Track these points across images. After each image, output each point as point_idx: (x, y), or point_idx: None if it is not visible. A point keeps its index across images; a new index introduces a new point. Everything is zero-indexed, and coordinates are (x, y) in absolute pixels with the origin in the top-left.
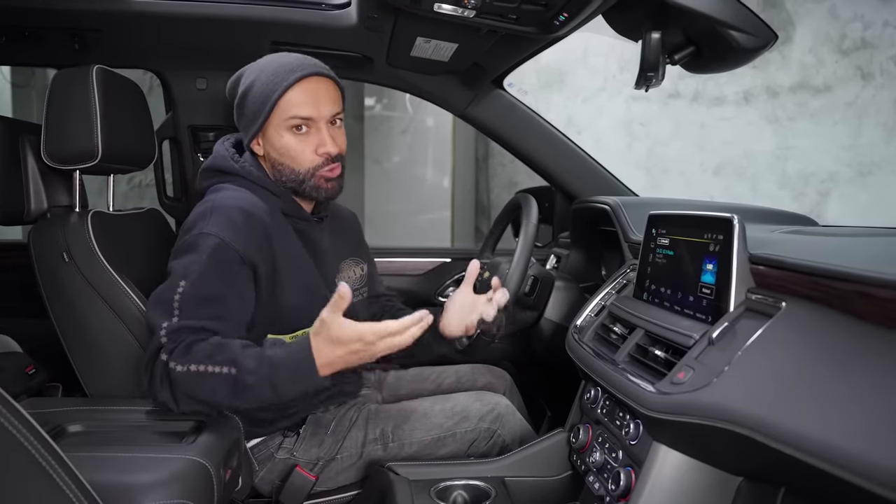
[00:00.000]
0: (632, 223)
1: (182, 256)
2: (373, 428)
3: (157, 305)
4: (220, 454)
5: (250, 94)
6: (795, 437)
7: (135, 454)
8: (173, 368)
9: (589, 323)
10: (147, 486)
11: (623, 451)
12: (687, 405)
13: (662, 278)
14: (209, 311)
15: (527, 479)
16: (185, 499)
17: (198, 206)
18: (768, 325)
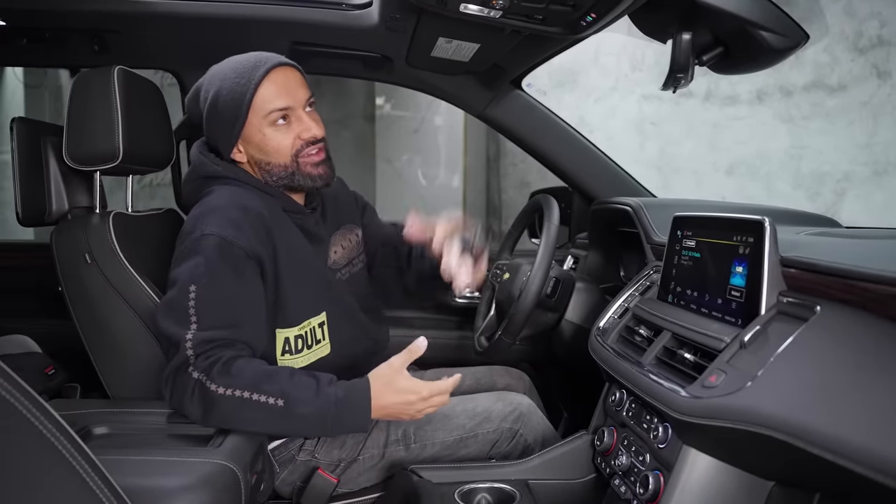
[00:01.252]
0: (654, 225)
1: (186, 261)
2: (394, 429)
3: (170, 314)
4: (247, 457)
5: (220, 102)
6: (836, 442)
7: (162, 458)
8: (214, 390)
9: (612, 325)
10: (176, 490)
11: (651, 455)
12: (720, 409)
13: (688, 280)
14: (227, 314)
15: (550, 482)
16: (214, 503)
17: (192, 210)
18: (803, 329)
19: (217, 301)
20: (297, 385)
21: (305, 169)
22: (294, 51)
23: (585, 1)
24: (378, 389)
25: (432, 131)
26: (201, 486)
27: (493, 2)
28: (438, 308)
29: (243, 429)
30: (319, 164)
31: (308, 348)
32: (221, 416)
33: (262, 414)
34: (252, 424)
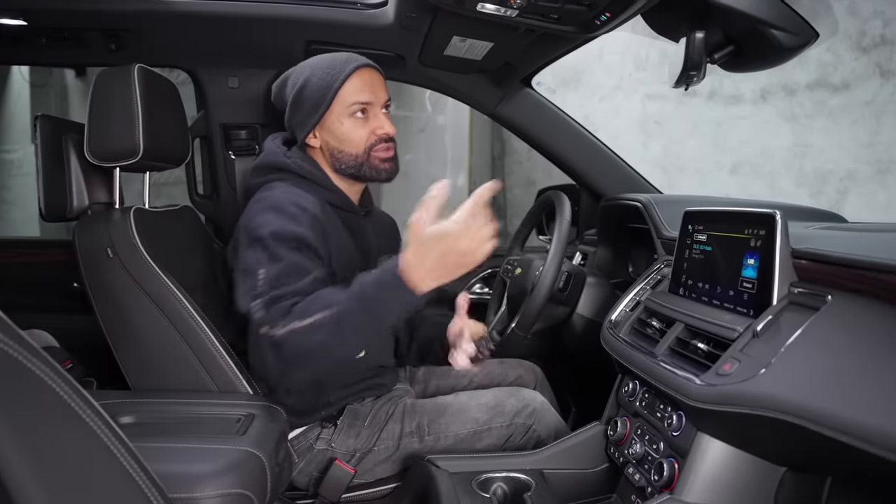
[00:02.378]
0: (664, 220)
1: (250, 250)
2: (409, 421)
3: (245, 294)
4: (271, 445)
5: (307, 89)
6: (851, 425)
7: (190, 445)
8: (274, 334)
9: (624, 318)
10: (206, 475)
11: (664, 443)
12: (735, 395)
13: (699, 273)
14: (295, 280)
15: (565, 472)
16: (242, 488)
17: (252, 204)
18: (815, 318)
19: (283, 273)
20: (335, 292)
21: (374, 162)
22: (309, 49)
23: (601, 0)
24: (406, 258)
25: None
26: (230, 471)
27: (511, 1)
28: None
29: (318, 360)
30: (387, 160)
31: None
32: (292, 356)
33: (322, 333)
34: (322, 349)
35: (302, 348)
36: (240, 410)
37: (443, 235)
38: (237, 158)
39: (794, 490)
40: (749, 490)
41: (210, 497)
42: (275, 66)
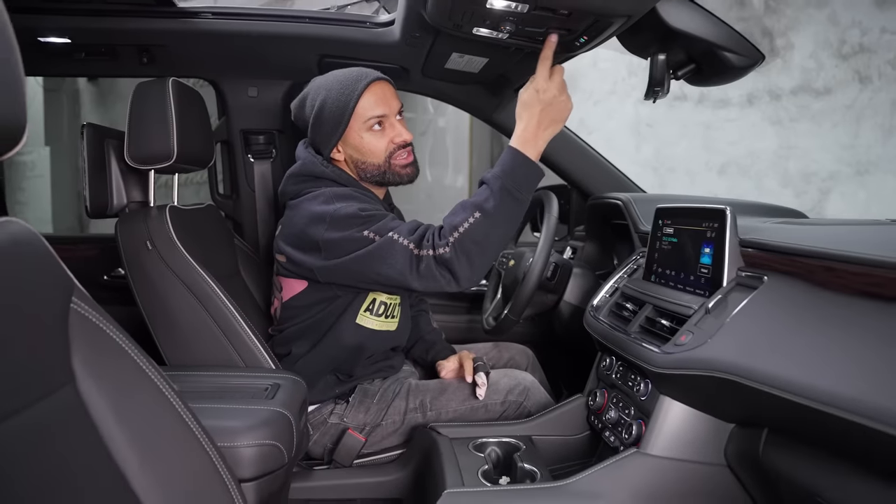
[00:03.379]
0: (641, 216)
1: (342, 231)
2: (413, 398)
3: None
4: (296, 407)
5: (325, 110)
6: (774, 379)
7: (229, 406)
8: (439, 253)
9: (604, 302)
10: (244, 429)
11: (634, 408)
12: (688, 361)
13: (667, 262)
14: (410, 223)
15: (551, 437)
16: (274, 440)
17: (312, 201)
18: (753, 296)
19: (397, 225)
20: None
21: (395, 168)
22: (322, 62)
23: (578, 27)
24: (519, 129)
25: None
26: (263, 426)
27: (501, 27)
28: (450, 295)
29: (488, 251)
30: (407, 165)
31: (386, 317)
32: (464, 262)
33: (480, 230)
34: (486, 241)
35: (469, 249)
36: (267, 381)
37: (535, 92)
38: (255, 161)
39: (739, 442)
40: (703, 444)
41: (248, 446)
42: (291, 77)
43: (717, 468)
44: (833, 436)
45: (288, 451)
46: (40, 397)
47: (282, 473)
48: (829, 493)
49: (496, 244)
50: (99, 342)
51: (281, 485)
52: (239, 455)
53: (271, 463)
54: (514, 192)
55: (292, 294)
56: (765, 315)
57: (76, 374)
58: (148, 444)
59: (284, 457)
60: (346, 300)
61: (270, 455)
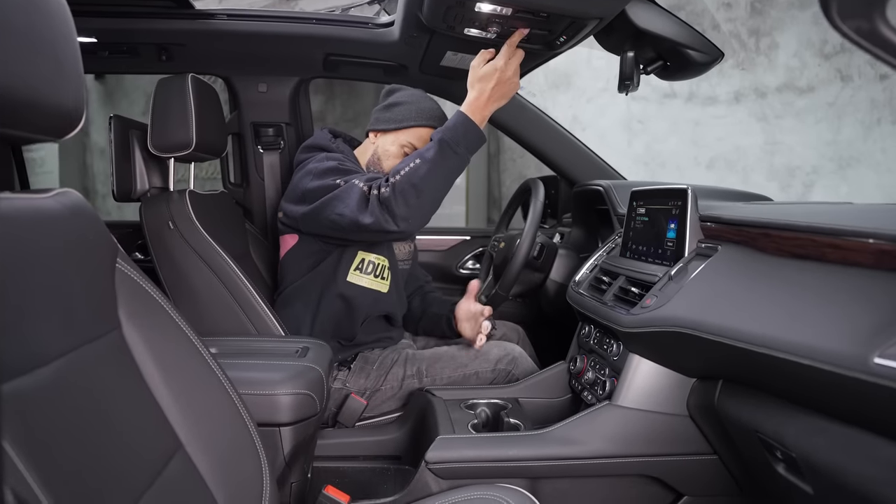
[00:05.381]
0: (619, 200)
1: (320, 180)
2: (410, 366)
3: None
4: (325, 363)
5: (401, 106)
6: (724, 330)
7: (266, 362)
8: (383, 191)
9: (584, 278)
10: (281, 380)
11: (608, 368)
12: (651, 320)
13: (640, 239)
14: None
15: (536, 400)
16: (308, 390)
17: (310, 162)
18: (708, 262)
19: (362, 175)
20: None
21: None
22: (327, 60)
23: (556, 28)
24: (471, 98)
25: None
26: (297, 377)
27: (489, 28)
28: (446, 278)
29: (424, 194)
30: None
31: (374, 277)
32: (400, 202)
33: (417, 174)
34: (422, 184)
35: (408, 188)
36: (297, 345)
37: (494, 69)
38: (265, 153)
39: (698, 395)
40: (667, 397)
41: (285, 394)
42: (298, 73)
43: (680, 418)
44: (771, 376)
45: (320, 400)
46: (93, 338)
47: (314, 421)
48: (766, 427)
49: (432, 189)
50: (140, 297)
51: (313, 432)
52: (279, 403)
53: (306, 410)
54: (454, 146)
55: (287, 249)
56: (717, 278)
57: (122, 323)
58: (181, 385)
59: (317, 406)
60: (334, 259)
61: (305, 403)
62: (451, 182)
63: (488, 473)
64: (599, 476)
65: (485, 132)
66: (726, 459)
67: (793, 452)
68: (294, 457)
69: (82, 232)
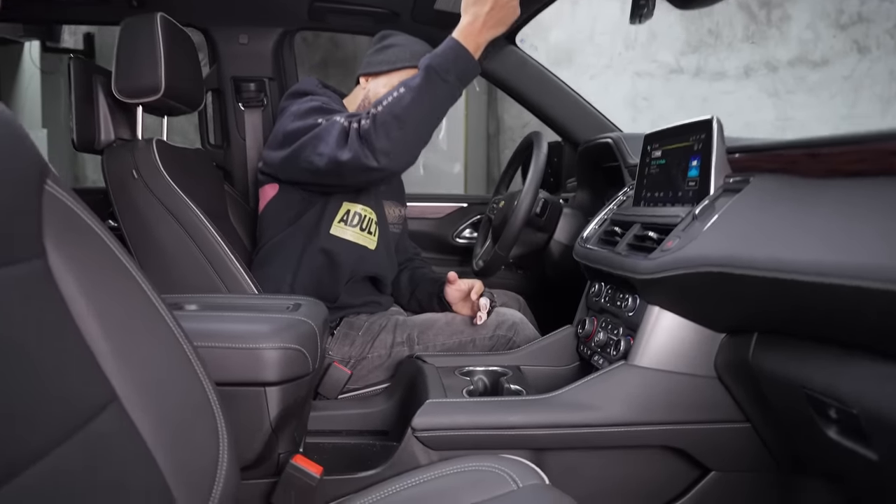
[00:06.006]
0: (630, 151)
1: (301, 120)
2: (400, 332)
3: (320, 142)
4: (319, 320)
5: (394, 48)
6: (765, 262)
7: (254, 315)
8: (362, 125)
9: (593, 233)
10: (268, 333)
11: (623, 327)
12: (675, 262)
13: (656, 185)
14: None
15: (539, 368)
16: (299, 345)
17: (289, 106)
18: (739, 196)
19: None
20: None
21: None
22: (313, 8)
23: None
24: (464, 23)
25: None
26: (287, 330)
27: None
28: (441, 248)
29: (407, 125)
30: None
31: (360, 230)
32: (381, 134)
33: (400, 104)
34: (405, 114)
35: (385, 121)
36: (288, 301)
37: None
38: (246, 110)
39: (728, 352)
40: (692, 355)
41: (272, 348)
42: (282, 24)
43: (707, 380)
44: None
45: (312, 359)
46: (7, 262)
47: (306, 382)
48: (816, 381)
49: (417, 121)
50: (73, 226)
51: (304, 396)
52: (264, 358)
53: (296, 368)
54: (442, 73)
55: (266, 201)
56: (750, 211)
57: (47, 251)
58: (120, 329)
59: (309, 364)
60: (317, 210)
61: (295, 360)
62: (440, 114)
63: (485, 443)
64: (614, 447)
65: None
66: (760, 428)
67: (853, 408)
68: (282, 422)
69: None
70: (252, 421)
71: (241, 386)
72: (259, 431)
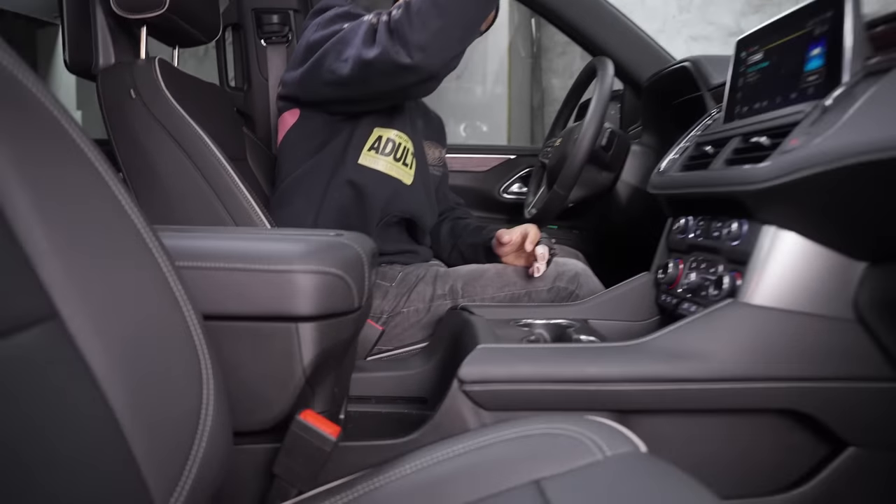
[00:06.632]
0: (713, 71)
1: (324, 29)
2: (441, 284)
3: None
4: (367, 249)
5: None
6: None
7: (289, 234)
8: (392, 16)
9: (672, 164)
10: (303, 253)
11: (723, 263)
12: (806, 159)
13: (756, 94)
14: None
15: (611, 323)
16: (342, 271)
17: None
18: (888, 77)
19: None
20: None
21: None
22: None
23: None
24: None
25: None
26: (327, 252)
27: None
28: (486, 205)
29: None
30: None
31: (395, 160)
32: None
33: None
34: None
35: (428, 6)
36: (330, 233)
37: None
38: (269, 46)
39: (874, 285)
40: (823, 290)
41: (306, 271)
42: None
43: (843, 323)
44: None
45: (359, 292)
46: None
47: (349, 323)
48: None
49: (460, 11)
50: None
51: (348, 340)
52: (296, 284)
53: (337, 300)
54: None
55: (286, 129)
56: None
57: None
58: (73, 232)
59: (353, 296)
60: (344, 137)
61: (336, 289)
62: (487, 9)
63: (553, 402)
64: (720, 411)
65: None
66: None
67: None
68: (319, 373)
69: None
70: (278, 368)
71: (263, 321)
72: (288, 382)
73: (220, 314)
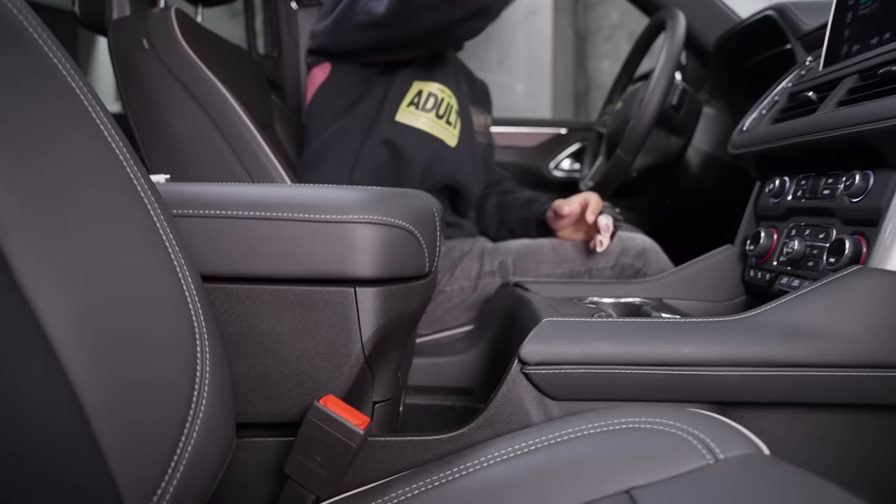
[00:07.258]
0: (801, 17)
1: None
2: (489, 260)
3: None
4: (437, 206)
5: None
6: None
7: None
8: None
9: (758, 121)
10: (362, 201)
11: (837, 227)
12: None
13: (871, 30)
14: None
15: (690, 303)
16: (407, 222)
17: None
18: None
19: None
20: None
21: None
22: None
23: None
24: None
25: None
26: (393, 202)
27: None
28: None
29: None
30: None
31: (438, 117)
32: None
33: None
34: None
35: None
36: None
37: None
38: (300, 9)
39: None
40: None
41: (367, 222)
42: None
43: None
44: None
45: (430, 253)
46: None
47: (419, 290)
48: None
49: None
50: None
51: (414, 317)
52: (353, 237)
53: (405, 261)
54: None
55: (316, 87)
56: None
57: None
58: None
59: (425, 258)
60: (378, 94)
61: (403, 246)
62: None
63: (637, 390)
64: (848, 407)
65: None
66: None
67: None
68: (379, 352)
69: None
70: (332, 344)
71: (313, 284)
72: (343, 362)
73: (258, 275)
